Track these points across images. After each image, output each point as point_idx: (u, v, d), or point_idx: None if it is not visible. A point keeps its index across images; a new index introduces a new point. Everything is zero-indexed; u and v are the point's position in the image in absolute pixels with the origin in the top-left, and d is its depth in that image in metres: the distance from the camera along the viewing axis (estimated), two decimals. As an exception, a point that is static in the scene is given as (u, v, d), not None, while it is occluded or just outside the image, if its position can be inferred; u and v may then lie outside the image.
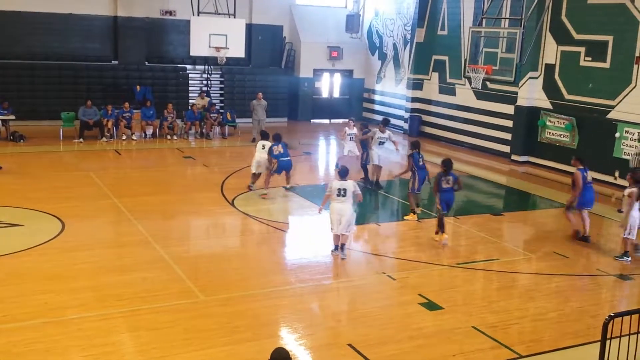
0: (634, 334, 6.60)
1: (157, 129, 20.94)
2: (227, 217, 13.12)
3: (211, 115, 21.50)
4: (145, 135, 20.79)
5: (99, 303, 8.57)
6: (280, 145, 14.20)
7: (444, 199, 11.64)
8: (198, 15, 21.14)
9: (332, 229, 10.72)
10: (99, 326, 7.93)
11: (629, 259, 11.09)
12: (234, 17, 21.66)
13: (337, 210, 10.52)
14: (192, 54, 21.54)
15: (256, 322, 8.28)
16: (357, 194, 10.63)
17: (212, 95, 23.76)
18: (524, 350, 7.79)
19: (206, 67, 24.42)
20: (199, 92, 23.17)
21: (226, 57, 21.32)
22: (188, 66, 24.30)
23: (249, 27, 23.87)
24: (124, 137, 20.19)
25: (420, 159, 13.33)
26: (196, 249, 11.36)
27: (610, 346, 6.29)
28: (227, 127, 21.98)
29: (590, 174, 12.28)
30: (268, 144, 14.34)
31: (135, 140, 20.27)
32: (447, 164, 11.70)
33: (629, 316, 6.53)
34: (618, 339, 6.39)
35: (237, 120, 22.55)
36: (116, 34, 23.32)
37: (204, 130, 21.30)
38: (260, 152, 14.39)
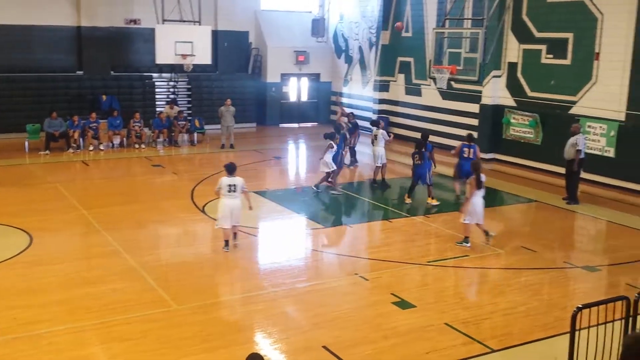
0: (601, 324, 6.74)
1: (124, 139, 20.76)
2: (198, 225, 13.06)
3: (179, 122, 21.39)
4: (113, 145, 20.60)
5: (70, 316, 8.47)
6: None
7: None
8: (163, 23, 21.00)
9: (218, 224, 11.06)
10: (70, 340, 7.84)
11: (469, 244, 11.49)
12: (200, 24, 21.57)
13: (228, 205, 10.89)
14: (158, 62, 21.39)
15: (230, 329, 8.27)
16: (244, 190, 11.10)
17: (179, 102, 23.61)
18: (495, 344, 7.91)
19: (172, 74, 24.28)
20: (168, 102, 23.00)
21: (192, 64, 21.24)
22: (154, 74, 24.14)
23: (215, 34, 23.79)
24: (91, 148, 19.96)
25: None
26: (167, 258, 11.28)
27: (579, 337, 6.42)
28: (195, 134, 21.88)
29: (478, 153, 14.81)
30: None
31: (103, 150, 20.06)
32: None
33: (597, 307, 6.66)
34: (587, 329, 6.54)
35: (206, 126, 22.47)
36: (80, 44, 23.04)
37: (172, 138, 21.18)
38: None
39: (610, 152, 16.38)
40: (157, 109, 23.05)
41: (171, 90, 24.50)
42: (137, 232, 12.27)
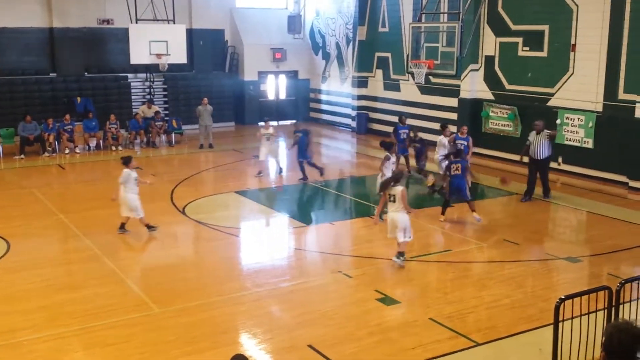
0: (585, 314, 6.76)
1: (100, 141, 20.49)
2: (178, 226, 12.93)
3: (156, 123, 21.17)
4: (89, 147, 20.33)
5: (51, 322, 8.32)
6: None
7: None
8: (136, 22, 20.78)
9: (124, 213, 11.71)
10: (51, 346, 7.69)
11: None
12: (174, 23, 21.38)
13: (134, 199, 11.74)
14: (132, 62, 21.17)
15: (214, 331, 8.18)
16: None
17: (156, 103, 23.39)
18: (480, 337, 7.91)
19: (148, 74, 24.04)
20: (145, 101, 22.75)
21: (168, 64, 21.05)
22: (129, 75, 23.87)
23: (190, 33, 23.60)
24: (67, 151, 19.68)
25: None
26: (148, 261, 11.15)
27: (563, 328, 6.44)
28: (173, 134, 21.68)
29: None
30: None
31: (79, 153, 19.79)
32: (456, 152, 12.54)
33: (579, 298, 6.68)
34: (570, 320, 6.56)
35: (184, 127, 22.29)
36: (53, 45, 22.73)
37: (149, 139, 20.96)
38: None
39: (589, 143, 16.51)
40: (134, 110, 22.80)
41: (147, 90, 24.24)
42: (116, 236, 12.08)
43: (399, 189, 10.11)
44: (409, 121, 21.35)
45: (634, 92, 15.44)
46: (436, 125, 20.84)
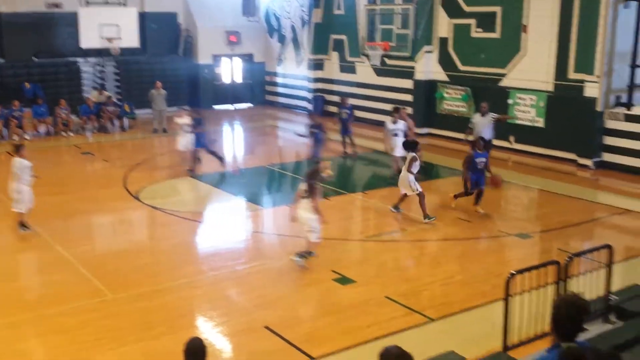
0: (535, 289, 6.93)
1: (51, 127, 20.00)
2: (132, 212, 12.75)
3: (108, 108, 20.76)
4: (39, 133, 19.82)
5: (3, 311, 8.13)
6: None
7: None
8: (86, 5, 20.27)
9: (15, 207, 11.00)
10: (5, 335, 7.54)
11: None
12: (125, 6, 20.92)
13: (26, 191, 11.03)
14: (83, 46, 20.69)
15: (170, 315, 8.12)
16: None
17: (107, 87, 22.90)
18: (434, 313, 8.05)
19: (99, 59, 23.50)
20: (96, 87, 22.24)
21: (120, 48, 20.61)
22: (80, 59, 23.25)
23: (142, 16, 23.11)
24: (16, 138, 19.13)
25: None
26: (102, 248, 10.98)
27: (514, 302, 6.59)
28: (125, 119, 21.29)
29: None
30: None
31: (29, 139, 19.26)
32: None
33: (529, 272, 6.85)
34: (520, 295, 6.71)
35: (137, 111, 21.91)
36: (0, 31, 21.98)
37: (101, 125, 20.55)
38: None
39: (540, 122, 16.84)
40: (85, 95, 22.28)
41: (98, 75, 23.71)
42: (68, 223, 11.87)
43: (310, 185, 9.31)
44: (365, 103, 21.51)
45: (583, 71, 15.79)
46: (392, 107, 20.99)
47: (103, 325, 7.81)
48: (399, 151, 14.10)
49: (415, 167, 11.54)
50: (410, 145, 12.03)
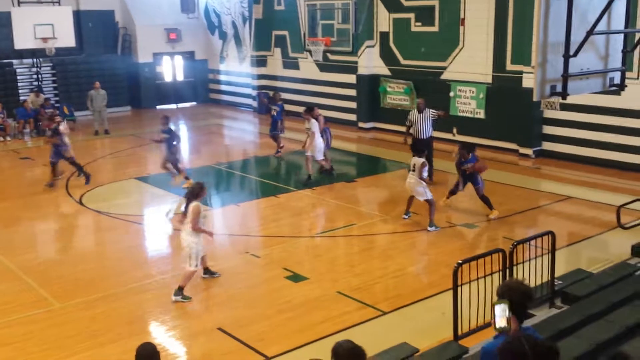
0: (482, 277, 7.08)
1: (-14, 132, 19.29)
2: (76, 217, 12.44)
3: (46, 110, 20.13)
4: (-26, 139, 19.10)
5: (-60, 327, 7.82)
6: None
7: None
8: (19, 5, 19.60)
9: None
10: (-58, 352, 7.24)
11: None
12: (59, 5, 20.31)
13: None
14: (16, 47, 19.94)
15: (119, 322, 7.96)
16: None
17: (45, 88, 22.21)
18: (387, 306, 8.14)
19: (35, 60, 22.76)
20: (32, 90, 21.53)
21: (55, 48, 19.99)
22: (14, 61, 22.49)
23: (77, 14, 22.50)
24: (-51, 144, 18.41)
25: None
26: (46, 255, 10.66)
27: (462, 291, 6.72)
28: (65, 121, 20.67)
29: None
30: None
31: (-37, 146, 18.56)
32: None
33: (475, 261, 6.99)
34: (468, 283, 6.85)
35: (76, 113, 21.35)
36: None
37: (39, 128, 19.92)
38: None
39: (481, 114, 17.20)
40: (21, 98, 21.55)
41: (34, 77, 22.97)
42: (9, 231, 11.49)
43: (191, 205, 8.70)
44: (310, 99, 21.48)
45: (521, 62, 16.17)
46: (337, 102, 21.10)
47: (50, 335, 7.61)
48: (311, 152, 13.89)
49: (425, 173, 11.26)
50: (419, 150, 11.68)
